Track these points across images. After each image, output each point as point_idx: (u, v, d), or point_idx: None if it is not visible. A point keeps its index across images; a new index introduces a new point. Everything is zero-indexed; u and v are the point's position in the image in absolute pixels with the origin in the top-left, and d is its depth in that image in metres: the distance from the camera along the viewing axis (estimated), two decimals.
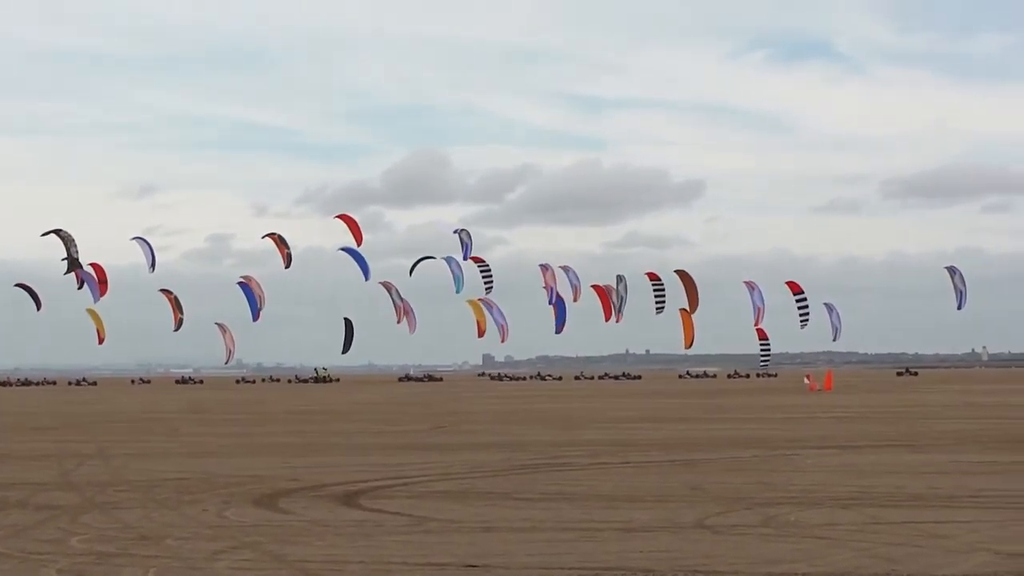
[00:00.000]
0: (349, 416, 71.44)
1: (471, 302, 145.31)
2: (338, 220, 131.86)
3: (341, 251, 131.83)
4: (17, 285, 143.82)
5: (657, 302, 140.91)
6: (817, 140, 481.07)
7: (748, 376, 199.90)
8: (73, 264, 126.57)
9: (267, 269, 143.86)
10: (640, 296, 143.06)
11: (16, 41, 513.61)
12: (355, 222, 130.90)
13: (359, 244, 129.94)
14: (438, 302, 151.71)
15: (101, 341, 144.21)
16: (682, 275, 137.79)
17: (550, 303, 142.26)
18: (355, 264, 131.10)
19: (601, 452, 39.43)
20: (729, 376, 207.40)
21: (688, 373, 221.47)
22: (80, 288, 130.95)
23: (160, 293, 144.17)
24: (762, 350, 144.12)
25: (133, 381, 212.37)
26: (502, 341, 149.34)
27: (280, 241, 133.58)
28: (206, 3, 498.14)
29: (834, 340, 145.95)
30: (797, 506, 24.21)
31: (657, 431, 51.48)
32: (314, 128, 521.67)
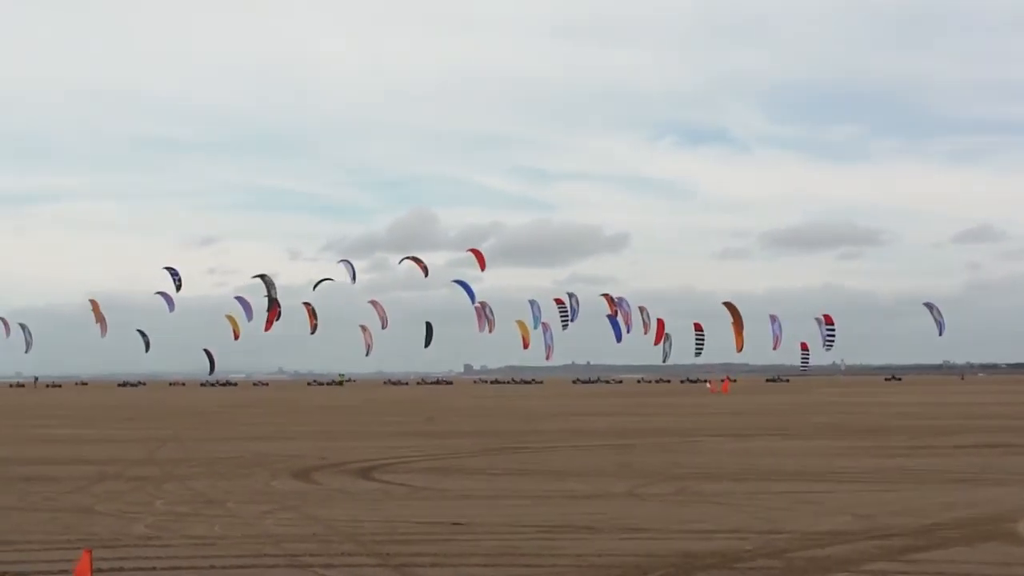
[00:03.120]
0: (363, 410, 71.35)
1: (519, 322, 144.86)
2: (469, 253, 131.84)
3: (454, 282, 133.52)
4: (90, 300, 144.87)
5: (697, 347, 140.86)
6: (713, 203, 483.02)
7: (667, 381, 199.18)
8: (272, 303, 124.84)
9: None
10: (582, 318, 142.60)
11: (117, 130, 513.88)
12: (481, 254, 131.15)
13: (483, 270, 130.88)
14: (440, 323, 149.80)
15: (236, 337, 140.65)
16: (728, 305, 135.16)
17: (615, 327, 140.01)
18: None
19: (553, 439, 39.42)
20: (640, 381, 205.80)
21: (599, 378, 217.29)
22: (269, 324, 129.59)
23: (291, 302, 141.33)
24: (802, 360, 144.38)
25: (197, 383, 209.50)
26: (547, 358, 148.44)
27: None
28: (250, 96, 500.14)
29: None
30: (702, 479, 24.26)
31: (596, 423, 51.53)
32: (334, 194, 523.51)
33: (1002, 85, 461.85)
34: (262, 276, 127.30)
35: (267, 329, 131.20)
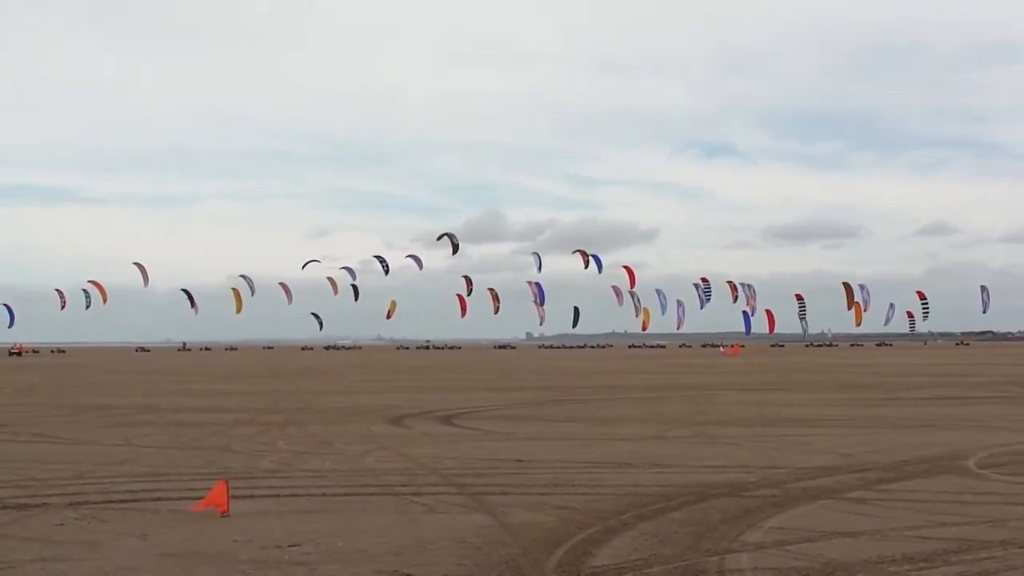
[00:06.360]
0: (444, 368, 71.47)
1: (645, 309, 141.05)
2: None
3: (590, 255, 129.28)
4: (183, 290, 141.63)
5: (800, 314, 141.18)
6: (725, 204, 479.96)
7: (691, 347, 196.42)
8: (455, 248, 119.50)
9: (392, 281, 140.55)
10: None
11: (249, 146, 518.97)
12: (633, 273, 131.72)
13: (632, 288, 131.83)
14: (504, 298, 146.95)
15: (390, 316, 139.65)
16: (845, 285, 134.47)
17: (744, 314, 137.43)
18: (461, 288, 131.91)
19: (598, 393, 39.41)
20: (680, 346, 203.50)
21: (644, 344, 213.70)
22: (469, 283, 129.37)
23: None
24: (910, 326, 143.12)
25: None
26: (678, 328, 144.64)
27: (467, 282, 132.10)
28: (355, 118, 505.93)
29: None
30: (717, 425, 24.20)
31: (631, 379, 51.41)
32: (422, 196, 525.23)
33: (953, 109, 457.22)
34: (446, 234, 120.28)
35: (468, 287, 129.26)
